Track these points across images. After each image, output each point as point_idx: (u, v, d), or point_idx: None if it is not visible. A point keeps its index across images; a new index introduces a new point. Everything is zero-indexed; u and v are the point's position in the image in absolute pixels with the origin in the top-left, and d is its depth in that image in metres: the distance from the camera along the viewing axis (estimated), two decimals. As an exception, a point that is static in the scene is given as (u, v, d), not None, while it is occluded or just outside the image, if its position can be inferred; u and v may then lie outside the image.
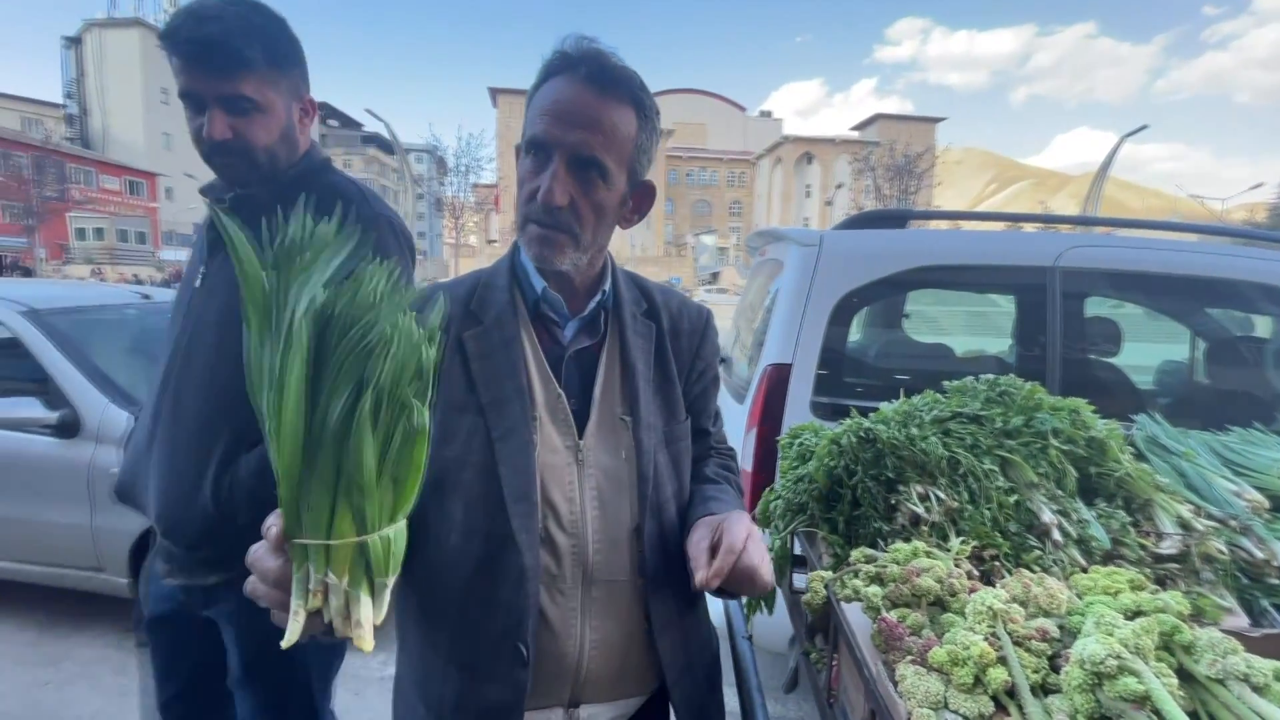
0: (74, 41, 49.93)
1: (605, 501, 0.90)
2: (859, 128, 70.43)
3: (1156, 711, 0.52)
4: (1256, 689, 0.55)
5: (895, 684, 0.65)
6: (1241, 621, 0.93)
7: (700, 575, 0.79)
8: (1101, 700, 0.55)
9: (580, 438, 0.90)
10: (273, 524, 0.60)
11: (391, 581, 0.60)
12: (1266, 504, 1.15)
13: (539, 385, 0.90)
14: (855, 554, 0.98)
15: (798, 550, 1.23)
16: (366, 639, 0.58)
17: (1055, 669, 0.62)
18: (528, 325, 0.92)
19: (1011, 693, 0.60)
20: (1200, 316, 2.91)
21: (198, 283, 1.14)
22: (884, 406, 1.30)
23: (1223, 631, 0.71)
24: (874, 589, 0.80)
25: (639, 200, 0.94)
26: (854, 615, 0.80)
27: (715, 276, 47.18)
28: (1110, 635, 0.57)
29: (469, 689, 0.85)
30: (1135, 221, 2.84)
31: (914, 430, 1.17)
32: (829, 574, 0.94)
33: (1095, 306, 2.85)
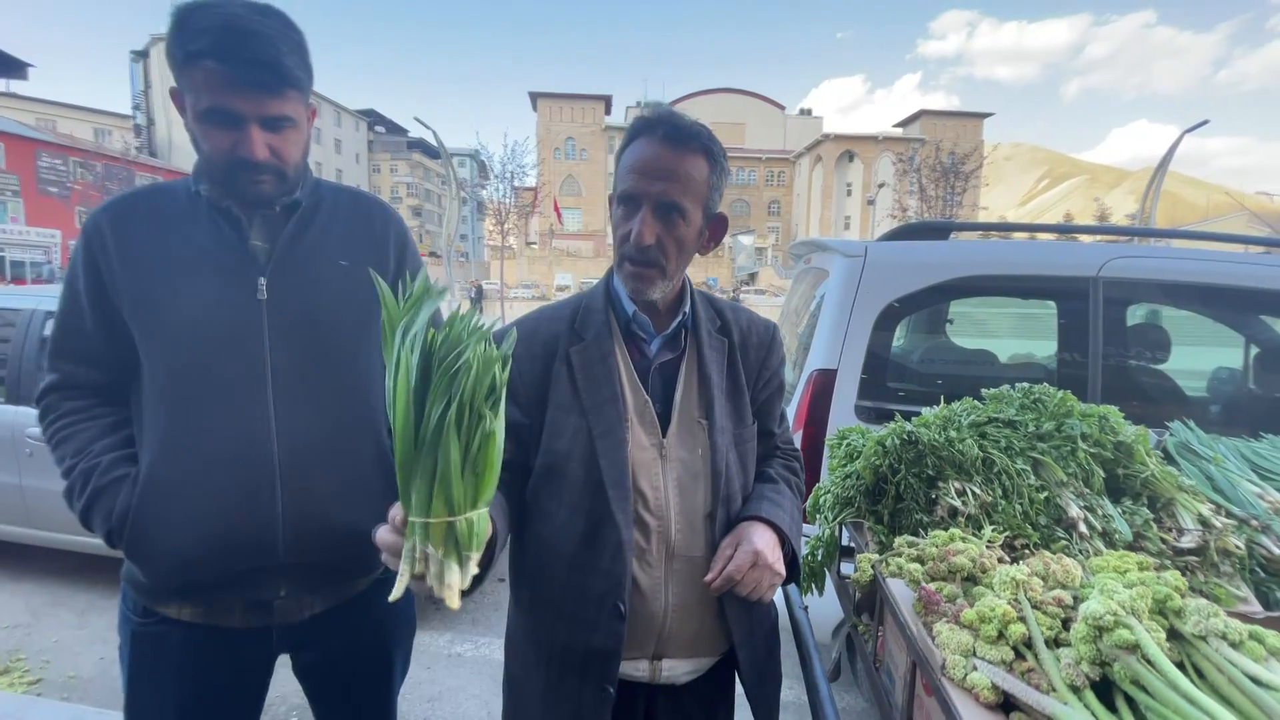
0: (141, 55, 52.86)
1: (684, 490, 1.07)
2: (902, 124, 68.99)
3: (1145, 657, 0.66)
4: (1233, 644, 0.68)
5: (932, 638, 0.79)
6: (1255, 608, 1.04)
7: (708, 577, 1.01)
8: (1101, 649, 0.68)
9: (664, 437, 1.08)
10: (396, 510, 0.77)
11: (475, 556, 0.74)
12: (1291, 506, 1.24)
13: (630, 392, 1.08)
14: (899, 541, 1.12)
15: (845, 540, 1.37)
16: (454, 598, 0.72)
17: (1067, 628, 0.76)
18: (620, 342, 1.10)
19: (1029, 644, 0.74)
20: (1254, 325, 2.91)
21: (261, 295, 1.07)
22: (925, 411, 1.43)
23: (1233, 614, 0.84)
24: (915, 566, 0.95)
25: (714, 230, 1.11)
26: (898, 588, 0.95)
27: (753, 277, 46.90)
28: (1111, 598, 0.71)
29: (577, 638, 1.03)
30: (1180, 232, 2.86)
31: (952, 433, 1.30)
32: (875, 556, 1.08)
33: (1142, 314, 2.88)
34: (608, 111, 70.72)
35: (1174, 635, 0.72)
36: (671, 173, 1.00)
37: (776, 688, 1.18)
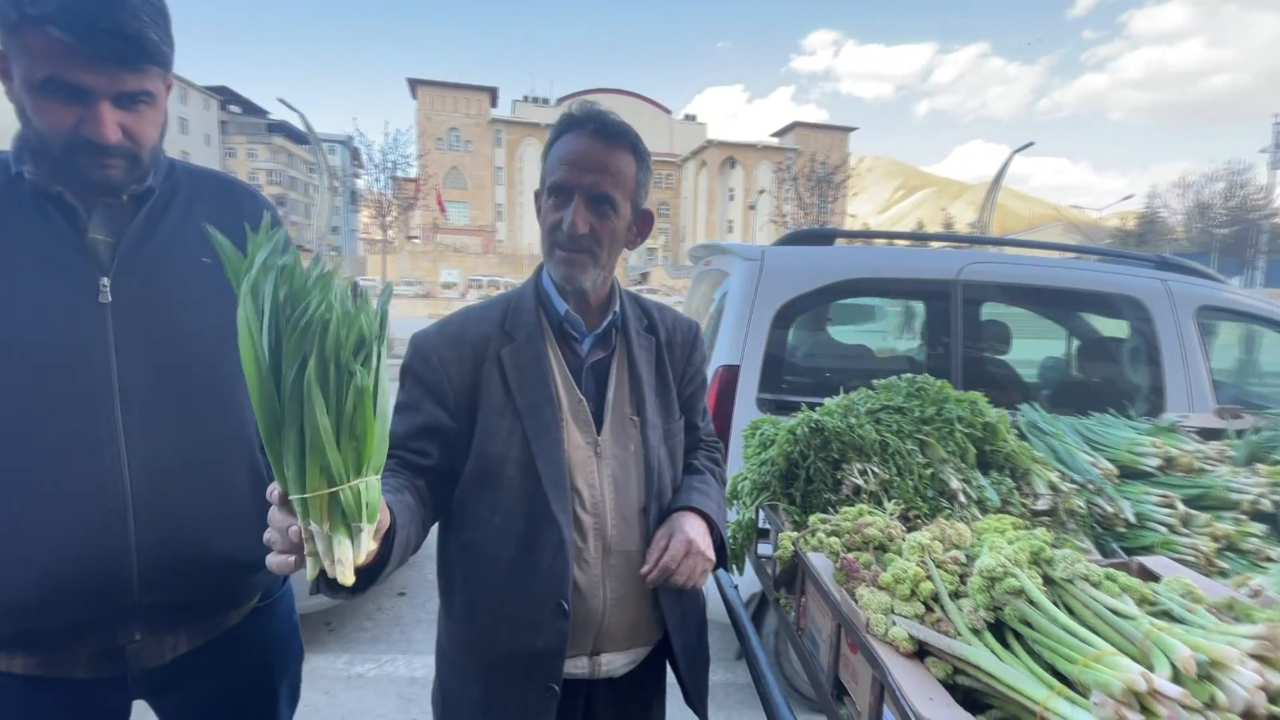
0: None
1: (619, 487, 1.10)
2: (778, 134, 73.18)
3: (1030, 599, 0.78)
4: (1094, 584, 0.82)
5: (855, 601, 0.88)
6: (1096, 557, 1.25)
7: (644, 570, 1.04)
8: (993, 596, 0.80)
9: (599, 435, 1.10)
10: (274, 487, 0.69)
11: (369, 528, 0.70)
12: (1116, 471, 1.49)
13: (564, 392, 1.09)
14: (813, 519, 1.22)
15: (761, 522, 1.47)
16: (346, 573, 0.67)
17: (964, 582, 0.88)
18: (552, 341, 1.11)
19: (936, 598, 0.85)
20: (1074, 320, 3.43)
21: (105, 298, 0.94)
22: (828, 401, 1.57)
23: (1078, 563, 1.00)
24: (833, 540, 1.05)
25: (641, 225, 1.15)
26: (818, 561, 1.04)
27: (644, 276, 47.78)
28: (998, 553, 0.83)
29: (520, 640, 1.03)
30: (1024, 241, 3.31)
31: (853, 420, 1.43)
32: (794, 534, 1.18)
33: (989, 312, 3.31)
34: (493, 104, 68.87)
35: (1047, 581, 0.85)
36: (603, 166, 1.02)
37: (706, 668, 1.25)
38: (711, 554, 1.09)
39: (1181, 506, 1.33)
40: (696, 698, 1.19)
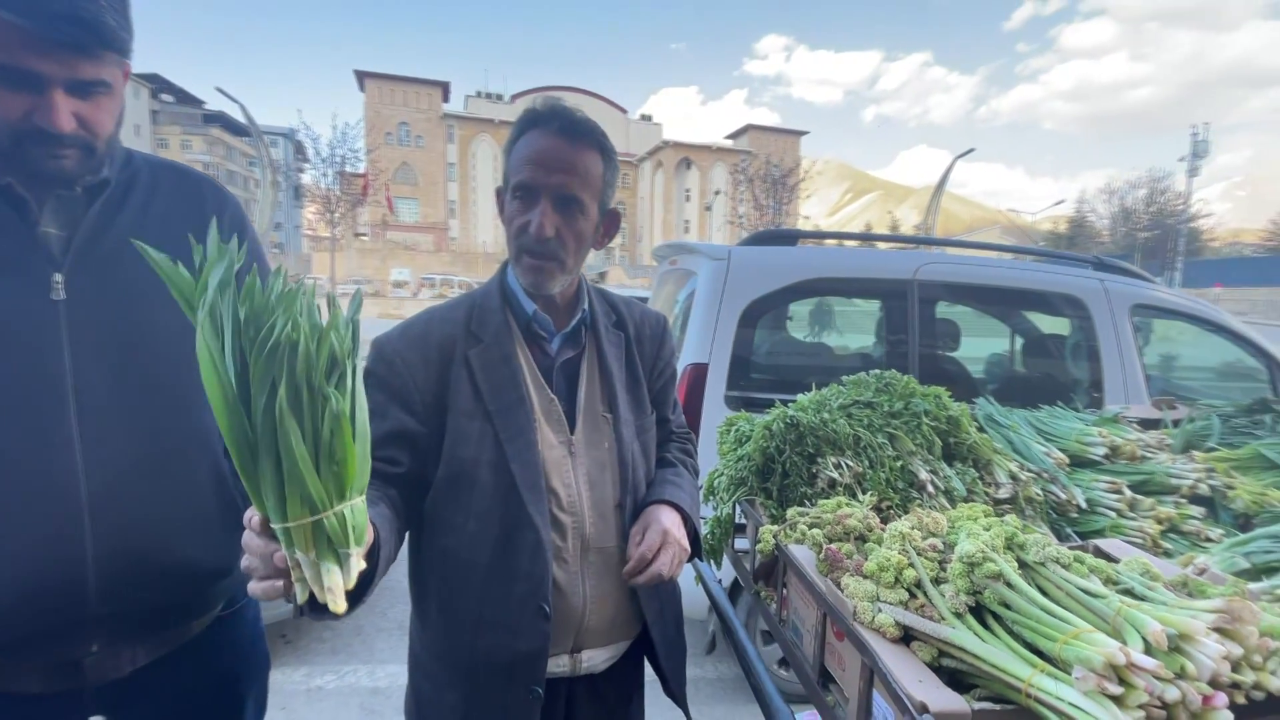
0: None
1: (594, 485, 1.10)
2: (732, 136, 74.17)
3: (1007, 582, 0.82)
4: (1064, 566, 0.87)
5: (841, 590, 0.91)
6: (1052, 541, 1.31)
7: (625, 570, 1.03)
8: (973, 581, 0.84)
9: (572, 434, 1.09)
10: (253, 513, 0.66)
11: (356, 551, 0.67)
12: (1067, 460, 1.58)
13: (535, 392, 1.07)
14: (791, 512, 1.25)
15: (738, 518, 1.49)
16: (338, 602, 0.65)
17: (943, 568, 0.91)
18: (521, 342, 1.09)
19: (918, 585, 0.88)
20: (1019, 318, 3.60)
21: (58, 295, 0.89)
22: (800, 397, 1.60)
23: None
24: (815, 531, 1.07)
25: (609, 225, 1.15)
26: (800, 553, 1.07)
27: (603, 276, 47.67)
28: (976, 539, 0.86)
29: (501, 644, 1.01)
30: (979, 244, 3.46)
31: (826, 415, 1.46)
32: (774, 527, 1.20)
33: (942, 311, 3.44)
34: (445, 99, 67.48)
35: (1021, 564, 0.89)
36: (570, 166, 1.00)
37: (684, 658, 1.26)
38: (686, 544, 1.10)
39: (1128, 492, 1.41)
40: (676, 687, 1.20)
